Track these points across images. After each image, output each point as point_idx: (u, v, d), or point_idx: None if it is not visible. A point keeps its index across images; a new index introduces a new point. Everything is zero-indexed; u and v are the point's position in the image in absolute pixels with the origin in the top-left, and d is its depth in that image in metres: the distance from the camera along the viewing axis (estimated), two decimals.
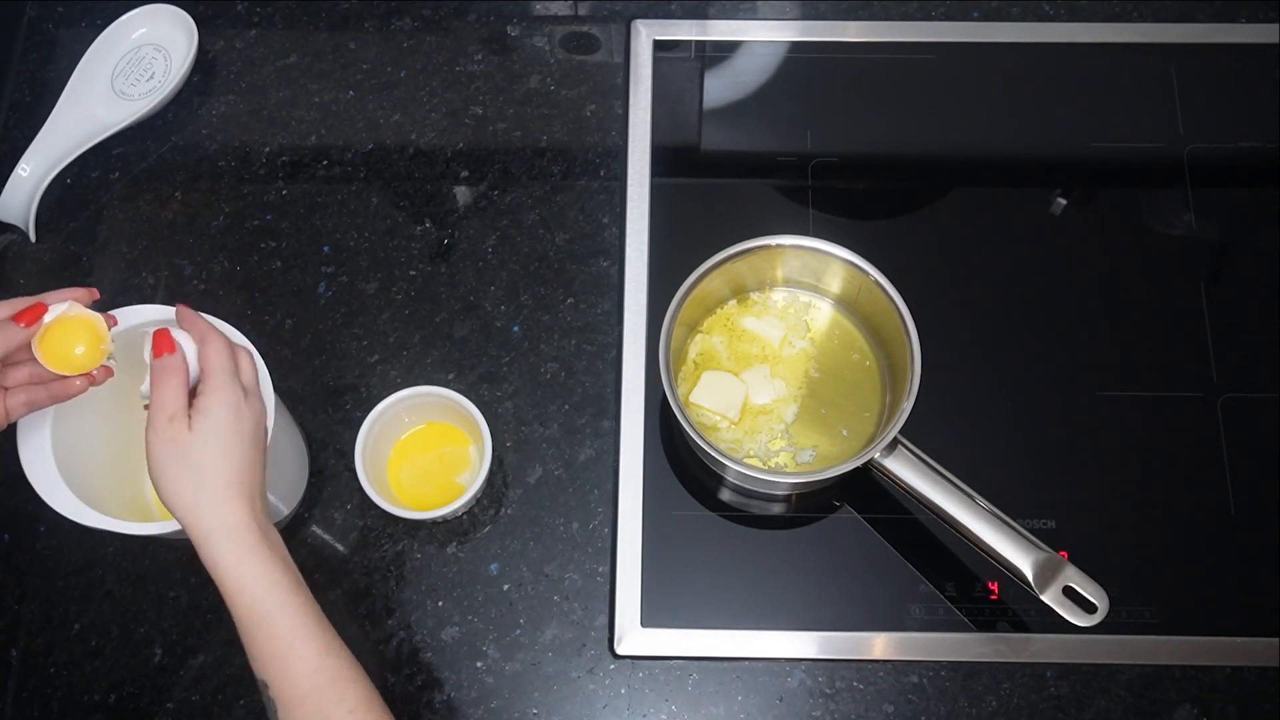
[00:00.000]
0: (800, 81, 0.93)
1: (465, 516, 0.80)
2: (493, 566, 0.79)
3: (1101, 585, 0.69)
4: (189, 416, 0.62)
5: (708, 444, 0.71)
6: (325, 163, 0.91)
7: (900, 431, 0.71)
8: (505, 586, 0.78)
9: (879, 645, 0.76)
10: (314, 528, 0.80)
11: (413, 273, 0.87)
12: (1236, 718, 0.74)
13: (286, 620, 0.60)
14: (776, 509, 0.80)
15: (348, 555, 0.79)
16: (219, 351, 0.64)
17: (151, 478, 0.61)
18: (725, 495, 0.80)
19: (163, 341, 0.63)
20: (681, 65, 0.94)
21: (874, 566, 0.78)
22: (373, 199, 0.90)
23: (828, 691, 0.75)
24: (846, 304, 0.81)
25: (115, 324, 0.66)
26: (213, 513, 0.60)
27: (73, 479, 0.68)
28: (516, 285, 0.87)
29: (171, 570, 0.79)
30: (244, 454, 0.63)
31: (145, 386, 0.64)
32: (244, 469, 0.62)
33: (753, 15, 0.96)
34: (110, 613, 0.78)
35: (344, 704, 0.60)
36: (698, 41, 0.94)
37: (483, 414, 0.76)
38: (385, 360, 0.84)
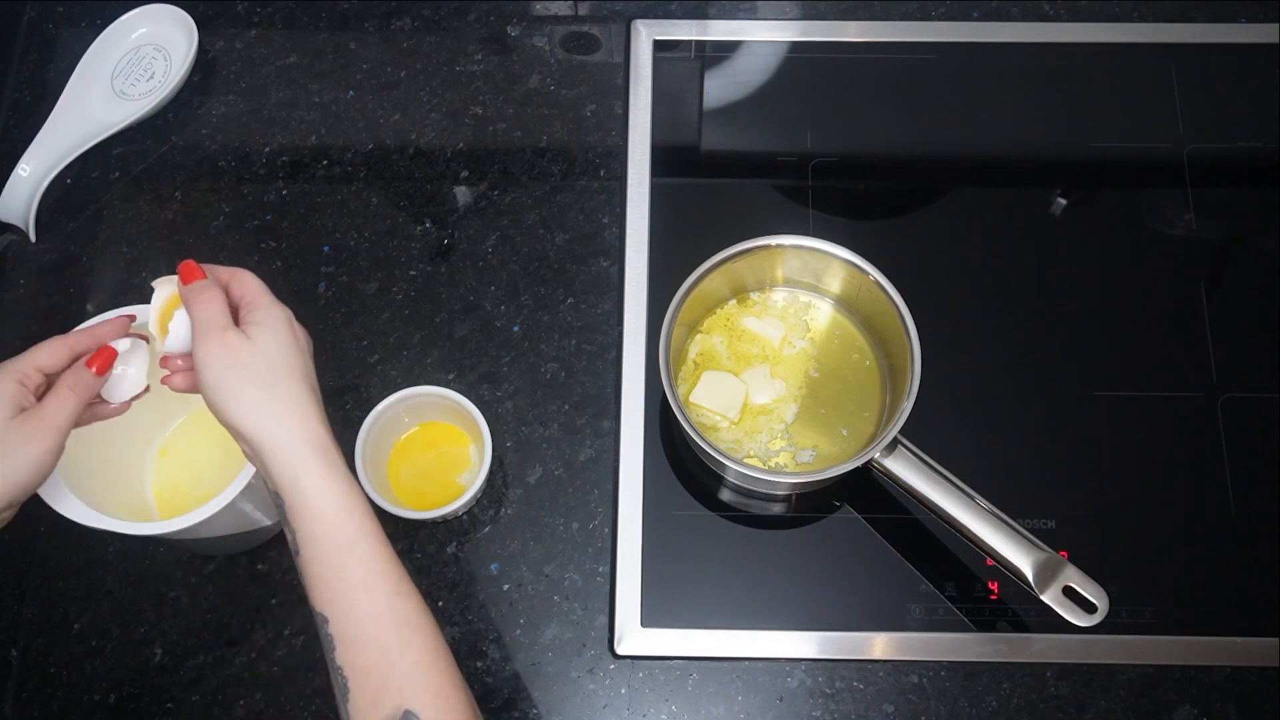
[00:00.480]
0: (800, 81, 0.93)
1: (465, 516, 0.80)
2: (493, 566, 0.79)
3: (1101, 585, 0.69)
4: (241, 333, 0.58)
5: (708, 444, 0.71)
6: (325, 163, 0.91)
7: (900, 431, 0.71)
8: (505, 586, 0.78)
9: (879, 645, 0.76)
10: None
11: (413, 273, 0.87)
12: (1236, 718, 0.74)
13: (361, 553, 0.55)
14: (776, 509, 0.80)
15: None
16: (253, 278, 0.62)
17: (210, 400, 0.57)
18: (725, 495, 0.80)
19: (191, 270, 0.61)
20: (681, 65, 0.94)
21: (874, 566, 0.78)
22: (373, 199, 0.90)
23: (828, 691, 0.75)
24: (846, 304, 0.81)
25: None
26: (291, 424, 0.56)
27: (73, 479, 0.68)
28: (516, 285, 0.87)
29: (171, 570, 0.79)
30: (306, 366, 0.59)
31: (152, 325, 0.63)
32: (311, 381, 0.58)
33: (753, 15, 0.96)
34: (110, 613, 0.78)
35: (408, 653, 0.55)
36: (698, 41, 0.94)
37: (483, 414, 0.76)
38: (385, 360, 0.84)
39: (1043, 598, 0.69)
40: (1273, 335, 0.84)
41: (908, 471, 0.71)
